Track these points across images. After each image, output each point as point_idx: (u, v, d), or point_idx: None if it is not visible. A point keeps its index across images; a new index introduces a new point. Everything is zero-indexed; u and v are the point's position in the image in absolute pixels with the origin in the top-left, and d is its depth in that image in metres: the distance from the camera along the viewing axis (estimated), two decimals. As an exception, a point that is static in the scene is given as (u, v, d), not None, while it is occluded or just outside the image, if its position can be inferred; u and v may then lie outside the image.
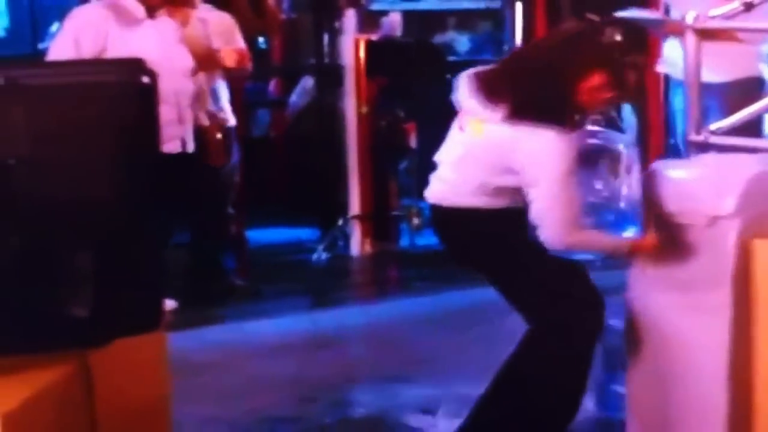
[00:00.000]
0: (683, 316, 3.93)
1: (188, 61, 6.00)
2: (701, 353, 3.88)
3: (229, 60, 6.17)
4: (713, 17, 4.73)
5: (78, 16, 6.04)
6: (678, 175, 4.09)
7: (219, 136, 6.23)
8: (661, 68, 6.75)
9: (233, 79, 6.52)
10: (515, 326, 5.89)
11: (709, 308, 3.85)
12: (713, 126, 4.67)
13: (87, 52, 5.73)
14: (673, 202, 3.99)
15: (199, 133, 6.11)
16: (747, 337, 3.81)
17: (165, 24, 6.00)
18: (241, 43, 6.33)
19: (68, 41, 5.81)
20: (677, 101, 6.67)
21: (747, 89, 6.06)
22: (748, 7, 4.94)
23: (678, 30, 6.10)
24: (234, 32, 6.36)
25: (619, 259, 4.10)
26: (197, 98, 6.09)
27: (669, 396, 4.00)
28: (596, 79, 3.88)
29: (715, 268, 3.84)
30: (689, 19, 4.61)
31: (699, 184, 3.98)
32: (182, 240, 6.36)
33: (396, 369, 5.34)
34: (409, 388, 5.12)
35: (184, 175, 5.90)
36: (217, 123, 6.21)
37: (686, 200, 3.95)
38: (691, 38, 4.62)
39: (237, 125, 6.49)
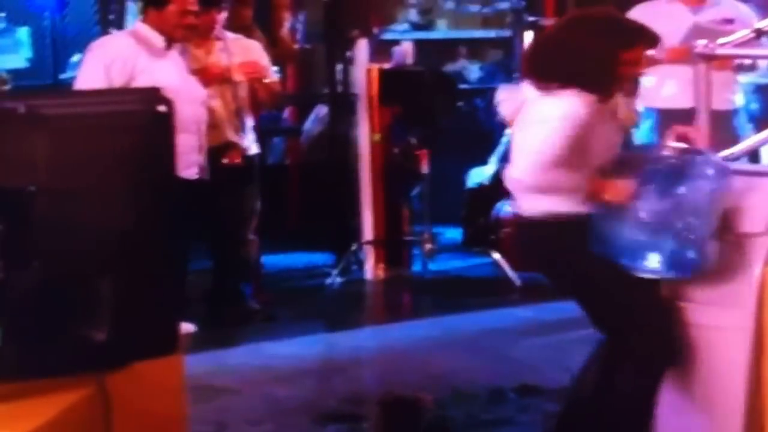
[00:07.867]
0: (706, 334, 3.88)
1: (203, 91, 6.11)
2: (722, 372, 3.84)
3: (239, 74, 6.29)
4: (722, 44, 4.77)
5: (106, 45, 6.06)
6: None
7: (237, 160, 6.37)
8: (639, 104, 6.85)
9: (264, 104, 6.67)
10: (522, 351, 5.94)
11: (731, 326, 3.81)
12: (726, 152, 4.69)
13: (117, 81, 5.69)
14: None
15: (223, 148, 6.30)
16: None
17: (178, 55, 6.08)
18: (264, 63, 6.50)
19: (98, 70, 5.74)
20: (643, 128, 6.78)
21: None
22: (759, 35, 4.99)
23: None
24: (260, 57, 6.54)
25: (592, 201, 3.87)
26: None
27: (695, 416, 3.96)
28: (636, 53, 3.93)
29: (740, 286, 3.78)
30: (699, 47, 4.66)
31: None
32: (199, 265, 6.41)
33: (409, 391, 5.38)
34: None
35: (201, 201, 5.95)
36: (238, 149, 6.40)
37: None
38: (701, 65, 4.66)
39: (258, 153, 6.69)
